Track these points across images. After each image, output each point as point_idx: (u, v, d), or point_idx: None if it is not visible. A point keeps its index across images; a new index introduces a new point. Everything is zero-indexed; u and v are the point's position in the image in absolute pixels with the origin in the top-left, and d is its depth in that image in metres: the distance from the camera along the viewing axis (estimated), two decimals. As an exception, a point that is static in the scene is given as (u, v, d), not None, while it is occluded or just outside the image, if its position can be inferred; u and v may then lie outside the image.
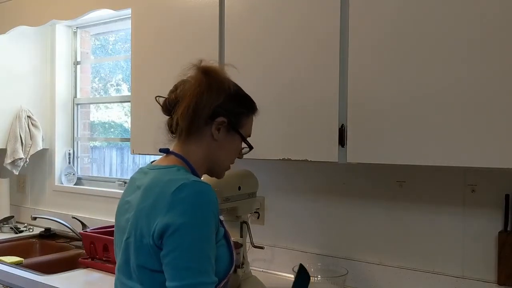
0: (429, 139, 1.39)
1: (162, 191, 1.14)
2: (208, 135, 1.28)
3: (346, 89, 1.54)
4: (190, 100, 1.23)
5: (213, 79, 1.27)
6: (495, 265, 1.62)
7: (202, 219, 1.12)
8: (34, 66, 3.12)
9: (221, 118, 1.28)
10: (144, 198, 1.18)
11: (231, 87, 1.30)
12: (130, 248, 1.19)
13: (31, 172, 3.25)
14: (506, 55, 1.28)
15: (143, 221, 1.15)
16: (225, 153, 1.34)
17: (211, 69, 1.29)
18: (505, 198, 1.60)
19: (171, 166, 1.25)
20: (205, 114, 1.25)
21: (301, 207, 2.07)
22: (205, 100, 1.24)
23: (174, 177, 1.17)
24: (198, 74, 1.27)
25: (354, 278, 1.85)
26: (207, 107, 1.25)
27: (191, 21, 1.91)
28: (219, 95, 1.26)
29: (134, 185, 1.28)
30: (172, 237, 1.09)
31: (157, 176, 1.21)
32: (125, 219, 1.23)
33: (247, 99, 1.37)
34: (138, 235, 1.16)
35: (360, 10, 1.51)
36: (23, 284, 2.08)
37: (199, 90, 1.24)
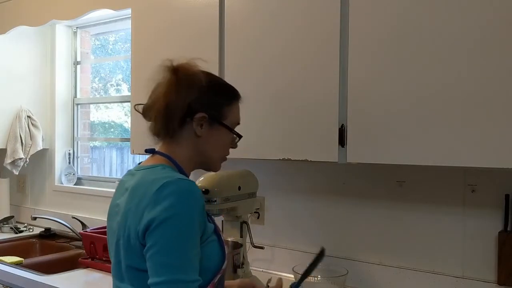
0: (429, 139, 1.39)
1: (147, 190, 1.14)
2: (191, 133, 1.25)
3: (346, 89, 1.54)
4: (161, 102, 1.21)
5: (182, 75, 1.23)
6: (495, 265, 1.62)
7: (185, 216, 1.10)
8: (34, 66, 3.12)
9: (200, 114, 1.24)
10: (130, 199, 1.18)
11: (203, 80, 1.24)
12: (120, 250, 1.19)
13: (31, 172, 3.24)
14: (506, 55, 1.28)
15: (130, 221, 1.15)
16: (213, 147, 1.30)
17: (179, 66, 1.25)
18: (505, 198, 1.60)
19: (156, 165, 1.24)
20: (180, 113, 1.22)
21: (301, 207, 2.07)
22: (176, 98, 1.21)
23: (159, 176, 1.16)
24: (167, 74, 1.24)
25: (354, 278, 1.85)
26: (180, 106, 1.22)
27: (191, 21, 1.91)
28: (190, 90, 1.23)
29: (123, 187, 1.27)
30: (153, 232, 1.08)
31: (143, 176, 1.20)
32: (116, 222, 1.23)
33: (224, 88, 1.33)
34: (126, 236, 1.16)
35: (360, 10, 1.51)
36: (23, 284, 2.08)
37: (169, 89, 1.22)
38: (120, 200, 1.24)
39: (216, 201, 1.71)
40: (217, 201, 1.71)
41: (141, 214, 1.12)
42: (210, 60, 1.84)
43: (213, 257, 1.20)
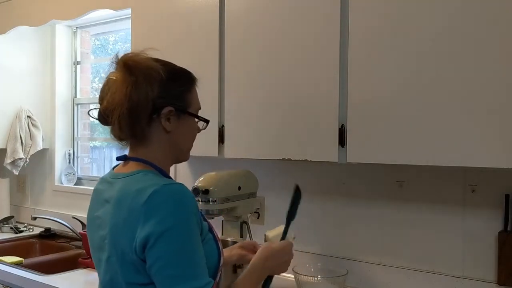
0: (429, 139, 1.39)
1: (134, 202, 1.07)
2: (160, 130, 1.17)
3: (346, 89, 1.54)
4: (121, 105, 1.11)
5: (138, 72, 1.13)
6: (495, 265, 1.61)
7: (182, 223, 1.05)
8: (34, 66, 3.12)
9: (167, 108, 1.16)
10: (116, 212, 1.11)
11: (161, 72, 1.14)
12: (114, 266, 1.12)
13: (31, 172, 3.24)
14: (506, 55, 1.28)
15: (121, 237, 1.09)
16: (185, 139, 1.24)
17: (132, 60, 1.14)
18: (505, 198, 1.60)
19: (134, 172, 1.16)
20: (145, 112, 1.14)
21: (301, 207, 2.06)
22: (138, 97, 1.11)
23: (143, 185, 1.09)
24: (120, 72, 1.14)
25: (354, 278, 1.85)
26: (144, 104, 1.12)
27: (191, 21, 1.91)
28: (151, 86, 1.13)
29: (100, 197, 1.20)
30: (154, 248, 1.03)
31: (125, 186, 1.13)
32: (99, 236, 1.16)
33: (182, 74, 1.23)
34: (119, 253, 1.09)
35: (360, 11, 1.51)
36: (23, 284, 2.08)
37: (127, 90, 1.11)
38: (101, 212, 1.18)
39: (216, 201, 1.71)
40: (217, 201, 1.71)
41: (133, 229, 1.06)
42: (210, 61, 1.85)
43: (212, 256, 1.17)
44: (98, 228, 1.17)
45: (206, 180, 1.73)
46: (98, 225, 1.18)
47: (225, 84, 1.83)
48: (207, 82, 1.86)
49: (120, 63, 1.16)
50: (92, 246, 1.23)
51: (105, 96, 1.16)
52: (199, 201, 1.72)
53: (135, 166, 1.18)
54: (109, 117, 1.15)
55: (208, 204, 1.71)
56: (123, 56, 1.17)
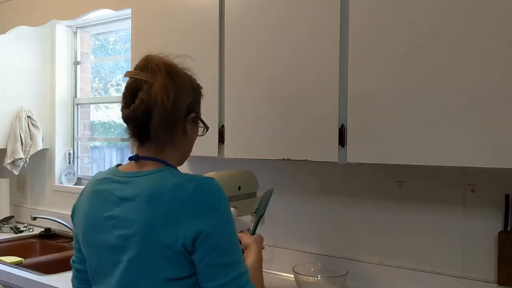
0: (429, 139, 1.40)
1: (175, 196, 1.09)
2: (182, 133, 1.23)
3: (346, 89, 1.54)
4: (164, 108, 1.15)
5: (179, 77, 1.21)
6: (495, 265, 1.62)
7: (229, 213, 1.12)
8: (34, 66, 3.12)
9: (192, 114, 1.24)
10: (151, 209, 1.10)
11: (193, 81, 1.27)
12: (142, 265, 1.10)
13: (31, 172, 3.25)
14: (507, 55, 1.28)
15: (160, 232, 1.08)
16: (192, 143, 1.31)
17: (173, 66, 1.22)
18: (505, 198, 1.60)
19: (160, 169, 1.17)
20: (182, 115, 1.22)
21: (301, 207, 2.07)
22: (179, 103, 1.19)
23: (178, 180, 1.12)
24: (162, 75, 1.17)
25: (354, 278, 1.85)
26: (182, 108, 1.21)
27: (191, 21, 1.91)
28: (188, 92, 1.23)
29: (111, 197, 1.17)
30: (208, 239, 1.06)
31: (156, 182, 1.13)
32: (116, 236, 1.13)
33: (200, 86, 1.32)
34: (159, 248, 1.08)
35: (360, 11, 1.51)
36: (23, 284, 2.08)
37: (171, 94, 1.16)
38: (116, 211, 1.15)
39: (216, 201, 1.71)
40: (217, 201, 1.71)
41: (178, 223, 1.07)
42: (211, 60, 1.85)
43: None
44: (113, 228, 1.14)
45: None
46: (112, 225, 1.14)
47: (225, 84, 1.83)
48: (207, 82, 1.85)
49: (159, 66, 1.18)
50: (100, 248, 1.17)
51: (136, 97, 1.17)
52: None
53: (153, 165, 1.20)
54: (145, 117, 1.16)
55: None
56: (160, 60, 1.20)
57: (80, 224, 1.24)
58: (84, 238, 1.22)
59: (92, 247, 1.20)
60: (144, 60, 1.20)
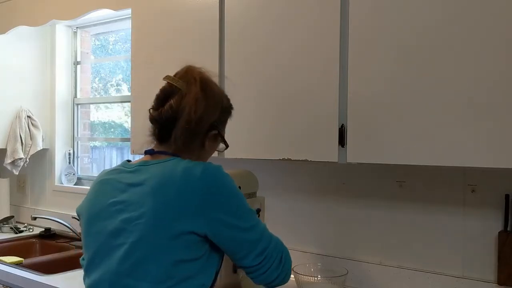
0: (429, 139, 1.39)
1: (186, 179, 1.14)
2: (198, 145, 1.29)
3: (346, 89, 1.54)
4: (190, 119, 1.23)
5: (211, 95, 1.28)
6: (495, 265, 1.62)
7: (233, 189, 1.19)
8: (34, 66, 3.12)
9: (214, 131, 1.31)
10: (160, 192, 1.13)
11: (224, 101, 1.34)
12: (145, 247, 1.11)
13: (31, 172, 3.25)
14: (506, 55, 1.28)
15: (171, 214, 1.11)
16: (208, 156, 1.37)
17: (209, 82, 1.30)
18: (505, 198, 1.60)
19: (171, 158, 1.23)
20: (203, 130, 1.28)
21: (301, 207, 2.07)
22: (204, 119, 1.26)
23: (187, 165, 1.18)
24: (196, 88, 1.25)
25: (354, 278, 1.85)
26: (206, 124, 1.27)
27: (191, 21, 1.91)
28: (216, 111, 1.30)
29: (119, 185, 1.21)
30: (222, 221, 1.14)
31: (166, 168, 1.18)
32: (119, 220, 1.15)
33: (231, 106, 1.39)
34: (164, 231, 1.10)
35: (360, 11, 1.51)
36: (23, 284, 2.08)
37: (199, 109, 1.24)
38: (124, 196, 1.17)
39: (216, 201, 1.71)
40: (217, 201, 1.71)
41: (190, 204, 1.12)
42: (211, 61, 1.85)
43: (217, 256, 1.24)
44: (119, 213, 1.17)
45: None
46: (118, 210, 1.17)
47: (225, 84, 1.83)
48: (207, 82, 1.86)
49: (196, 79, 1.26)
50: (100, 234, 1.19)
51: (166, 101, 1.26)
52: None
53: (166, 157, 1.25)
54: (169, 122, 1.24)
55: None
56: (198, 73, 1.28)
57: (84, 213, 1.27)
58: (85, 227, 1.25)
59: (91, 235, 1.22)
60: (184, 69, 1.29)
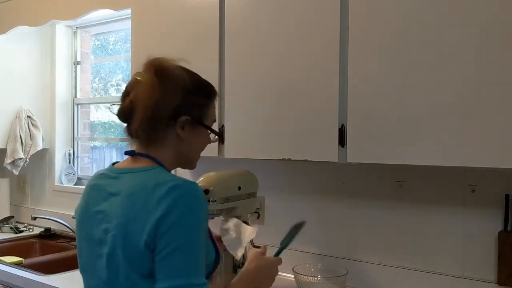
0: (429, 139, 1.39)
1: (152, 195, 1.09)
2: (173, 136, 1.21)
3: (346, 89, 1.54)
4: (145, 107, 1.16)
5: (166, 79, 1.18)
6: (495, 265, 1.62)
7: (197, 218, 1.09)
8: (34, 66, 3.12)
9: (184, 117, 1.20)
10: (129, 205, 1.12)
11: (187, 82, 1.21)
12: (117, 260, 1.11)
13: (31, 172, 3.24)
14: (506, 55, 1.28)
15: (133, 228, 1.09)
16: (194, 148, 1.28)
17: (163, 67, 1.19)
18: (505, 198, 1.60)
19: (148, 168, 1.18)
20: (164, 118, 1.18)
21: (301, 207, 2.07)
22: (161, 104, 1.16)
23: (162, 179, 1.12)
24: (149, 75, 1.18)
25: (354, 278, 1.85)
26: (165, 111, 1.17)
27: (191, 21, 1.91)
28: (175, 95, 1.18)
29: (103, 192, 1.20)
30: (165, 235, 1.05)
31: (140, 180, 1.15)
32: (100, 230, 1.15)
33: (205, 87, 1.28)
34: (129, 245, 1.09)
35: (360, 11, 1.51)
36: (23, 284, 2.08)
37: (153, 94, 1.16)
38: (104, 206, 1.17)
39: (216, 201, 1.71)
40: (217, 201, 1.71)
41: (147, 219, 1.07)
42: (211, 60, 1.85)
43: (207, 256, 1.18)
44: (101, 223, 1.16)
45: (206, 180, 1.73)
46: (100, 219, 1.17)
47: (225, 84, 1.83)
48: (207, 82, 1.86)
49: (151, 66, 1.19)
50: (89, 241, 1.20)
51: (127, 94, 1.21)
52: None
53: (146, 162, 1.21)
54: (130, 115, 1.19)
55: (208, 204, 1.71)
56: (155, 60, 1.21)
57: (76, 216, 1.27)
58: (77, 231, 1.25)
59: (83, 240, 1.23)
60: (146, 60, 1.22)
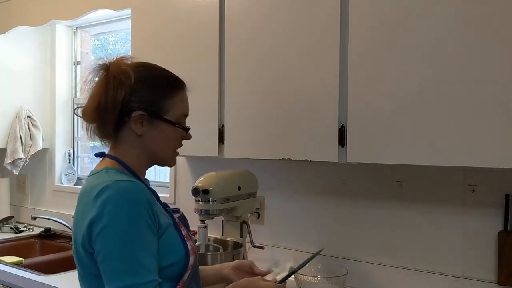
0: (429, 139, 1.40)
1: (89, 197, 1.11)
2: (131, 133, 1.18)
3: (346, 89, 1.54)
4: (93, 104, 1.16)
5: (111, 74, 1.16)
6: (495, 265, 1.62)
7: (125, 218, 1.06)
8: (34, 66, 3.12)
9: (137, 112, 1.16)
10: (77, 209, 1.16)
11: (132, 76, 1.15)
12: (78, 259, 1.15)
13: (31, 172, 3.24)
14: (506, 55, 1.28)
15: (78, 231, 1.12)
16: (160, 145, 1.22)
17: (110, 64, 1.18)
18: (505, 198, 1.60)
19: (101, 169, 1.19)
20: (112, 114, 1.15)
21: (301, 207, 2.07)
22: (105, 99, 1.14)
23: (99, 181, 1.12)
24: (100, 73, 1.18)
25: (354, 278, 1.85)
26: (111, 106, 1.15)
27: (191, 21, 1.91)
28: (119, 89, 1.14)
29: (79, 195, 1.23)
30: (97, 239, 1.06)
31: (87, 184, 1.18)
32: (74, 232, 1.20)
33: (160, 80, 1.22)
34: (76, 247, 1.14)
35: (360, 10, 1.51)
36: (23, 284, 2.08)
37: (99, 90, 1.16)
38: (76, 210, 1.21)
39: (216, 201, 1.71)
40: (217, 201, 1.71)
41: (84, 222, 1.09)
42: (210, 61, 1.85)
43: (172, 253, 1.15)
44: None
45: (206, 180, 1.73)
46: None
47: (225, 84, 1.83)
48: (207, 82, 1.86)
49: (103, 66, 1.19)
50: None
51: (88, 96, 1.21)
52: (199, 201, 1.72)
53: (106, 163, 1.22)
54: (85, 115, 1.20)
55: (208, 204, 1.71)
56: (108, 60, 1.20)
57: None
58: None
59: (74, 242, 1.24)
60: None
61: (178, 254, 1.17)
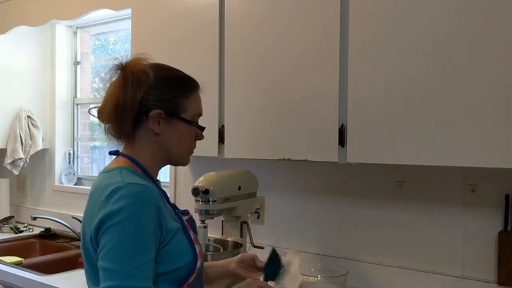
0: (429, 139, 1.40)
1: (100, 196, 1.12)
2: (148, 131, 1.20)
3: (346, 89, 1.54)
4: (111, 103, 1.17)
5: (129, 73, 1.17)
6: (495, 265, 1.61)
7: (132, 220, 1.07)
8: (34, 66, 3.12)
9: (155, 111, 1.18)
10: (88, 205, 1.18)
11: (151, 75, 1.18)
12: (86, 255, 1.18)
13: (31, 172, 3.24)
14: (506, 55, 1.28)
15: (87, 227, 1.14)
16: (176, 143, 1.24)
17: (127, 63, 1.20)
18: (505, 198, 1.60)
19: (114, 168, 1.19)
20: (131, 112, 1.17)
21: (301, 207, 2.07)
22: (124, 98, 1.16)
23: (112, 181, 1.13)
24: (119, 75, 1.20)
25: (354, 278, 1.85)
26: (129, 105, 1.16)
27: (191, 21, 1.91)
28: (138, 88, 1.17)
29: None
30: (102, 236, 1.08)
31: (99, 182, 1.18)
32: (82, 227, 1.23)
33: (177, 80, 1.25)
34: (85, 244, 1.16)
35: (360, 10, 1.51)
36: (23, 284, 2.08)
37: (116, 90, 1.17)
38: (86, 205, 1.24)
39: (216, 201, 1.71)
40: (217, 201, 1.72)
41: (94, 220, 1.10)
42: (210, 61, 1.85)
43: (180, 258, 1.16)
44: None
45: (206, 180, 1.73)
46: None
47: (225, 84, 1.83)
48: (208, 82, 1.86)
49: (119, 66, 1.21)
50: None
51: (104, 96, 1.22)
52: (199, 201, 1.72)
53: (120, 162, 1.23)
54: (102, 115, 1.21)
55: (208, 204, 1.71)
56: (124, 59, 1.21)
57: None
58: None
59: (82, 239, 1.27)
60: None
61: (186, 258, 1.18)
